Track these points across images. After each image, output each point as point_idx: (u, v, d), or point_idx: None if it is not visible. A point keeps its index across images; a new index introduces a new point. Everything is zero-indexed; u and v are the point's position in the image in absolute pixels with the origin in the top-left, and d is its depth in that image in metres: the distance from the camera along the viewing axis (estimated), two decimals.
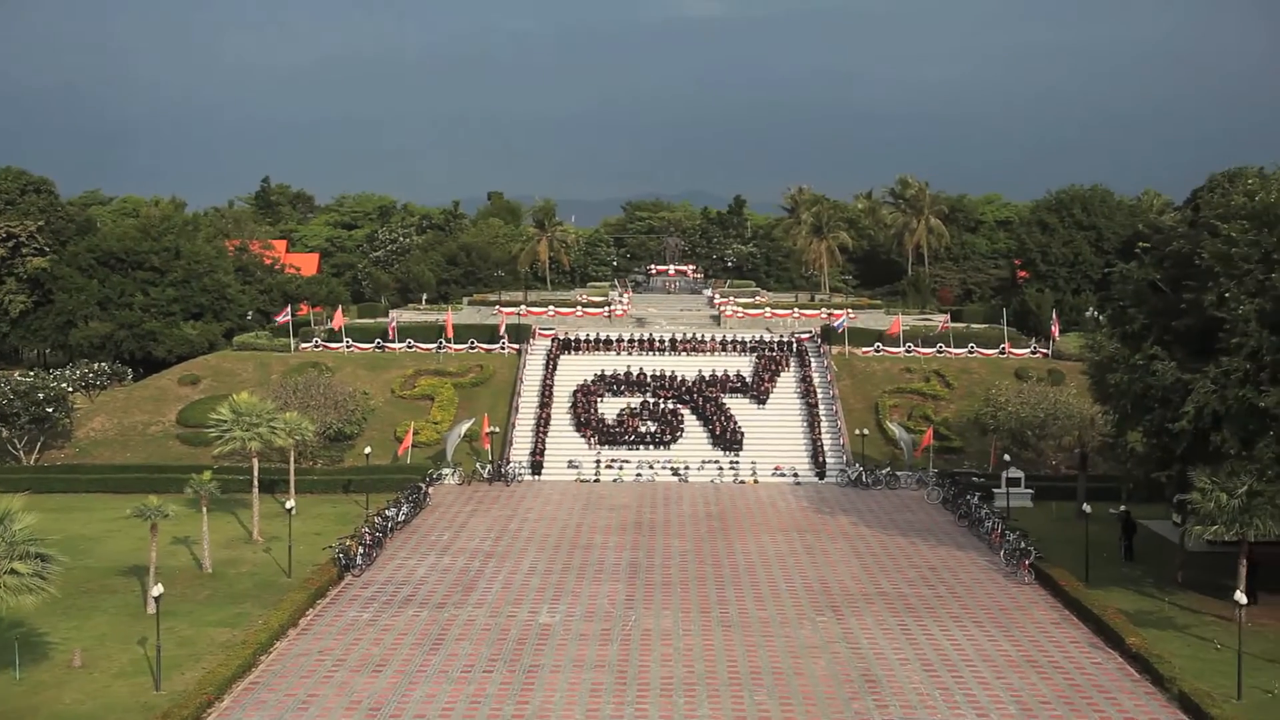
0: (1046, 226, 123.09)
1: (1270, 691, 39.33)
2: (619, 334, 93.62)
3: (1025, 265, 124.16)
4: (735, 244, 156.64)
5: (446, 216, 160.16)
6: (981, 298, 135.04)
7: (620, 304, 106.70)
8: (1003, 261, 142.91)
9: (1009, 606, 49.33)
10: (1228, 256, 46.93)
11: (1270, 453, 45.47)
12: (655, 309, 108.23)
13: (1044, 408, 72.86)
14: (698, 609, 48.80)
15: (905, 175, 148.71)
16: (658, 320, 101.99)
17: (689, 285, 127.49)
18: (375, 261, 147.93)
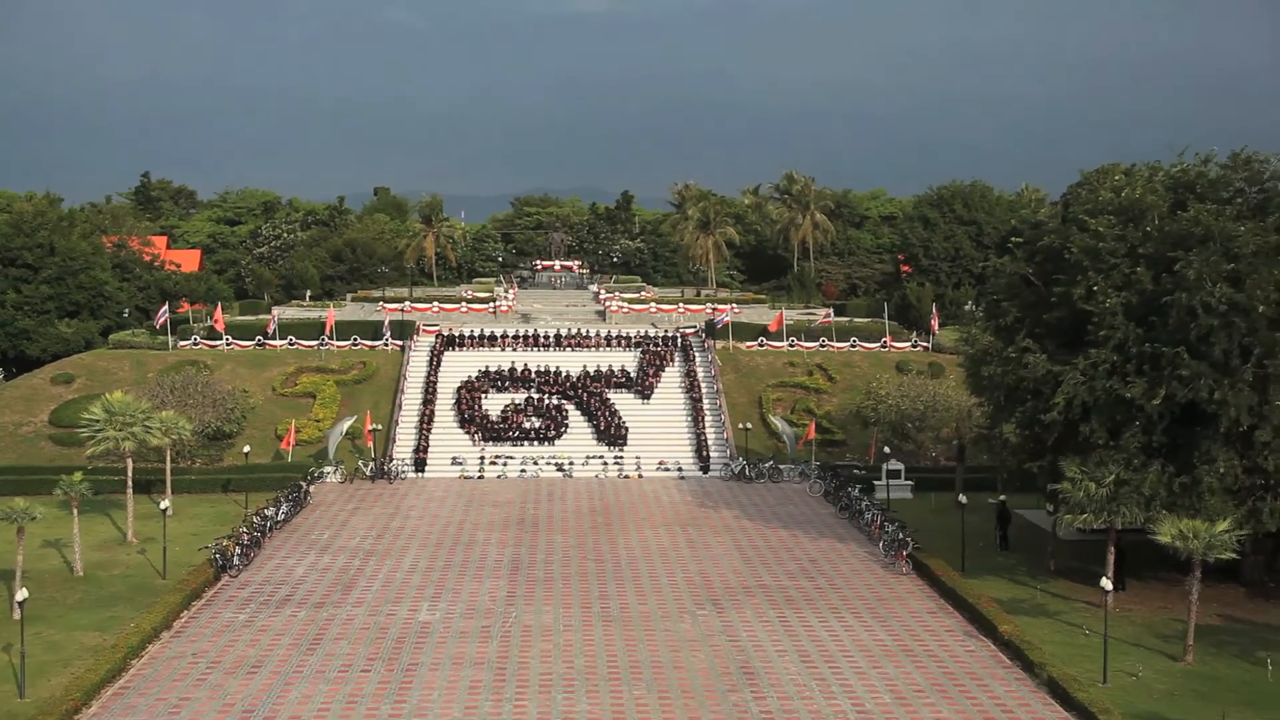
0: (928, 222, 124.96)
1: (1134, 674, 40.29)
2: (504, 330, 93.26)
3: (908, 260, 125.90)
4: (623, 239, 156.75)
5: (332, 212, 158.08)
6: (866, 292, 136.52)
7: (505, 300, 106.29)
8: (887, 256, 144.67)
9: (886, 597, 49.96)
10: (1095, 251, 47.95)
11: (1136, 442, 46.55)
12: (541, 305, 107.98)
13: (924, 400, 73.86)
14: (579, 604, 48.78)
15: (791, 171, 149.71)
16: (543, 316, 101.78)
17: (575, 281, 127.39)
18: (259, 258, 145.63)
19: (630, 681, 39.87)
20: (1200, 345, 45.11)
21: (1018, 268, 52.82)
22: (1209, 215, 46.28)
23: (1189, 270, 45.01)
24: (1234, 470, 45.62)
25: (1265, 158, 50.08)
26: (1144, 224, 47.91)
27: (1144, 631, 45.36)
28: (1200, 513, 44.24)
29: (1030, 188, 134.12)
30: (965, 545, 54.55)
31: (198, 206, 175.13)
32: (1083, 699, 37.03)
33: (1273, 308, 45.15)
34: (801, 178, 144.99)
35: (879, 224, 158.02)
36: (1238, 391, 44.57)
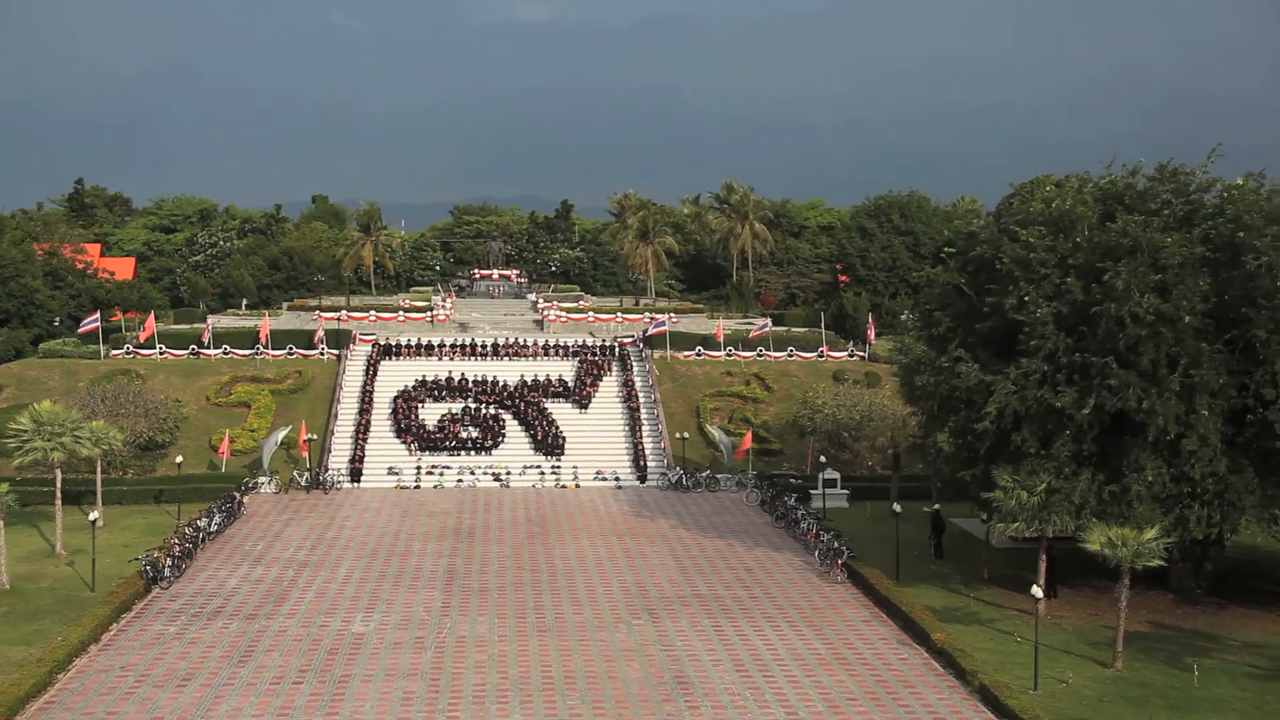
0: (866, 232, 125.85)
1: (1065, 681, 40.61)
2: (441, 339, 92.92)
3: (846, 270, 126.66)
4: (562, 249, 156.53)
5: (269, 220, 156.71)
6: (805, 302, 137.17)
7: (443, 309, 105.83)
8: (825, 266, 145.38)
9: (821, 605, 50.13)
10: (1026, 262, 48.41)
11: (1066, 451, 47.01)
12: (479, 314, 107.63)
13: (860, 409, 74.28)
14: (514, 614, 48.59)
15: (730, 180, 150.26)
16: (481, 325, 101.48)
17: (513, 290, 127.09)
18: (194, 266, 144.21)
19: (564, 692, 39.73)
20: (1129, 355, 45.65)
21: (950, 278, 53.23)
22: (1137, 226, 46.88)
23: (1117, 281, 45.55)
24: (1162, 478, 46.15)
25: (1191, 170, 50.76)
26: (1074, 235, 48.40)
27: (1075, 638, 45.74)
28: (1129, 520, 44.73)
29: (966, 198, 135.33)
30: (900, 554, 54.83)
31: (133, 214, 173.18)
32: (1014, 706, 37.27)
33: (1198, 318, 45.77)
34: (740, 188, 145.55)
35: (818, 234, 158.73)
36: (1165, 401, 45.12)
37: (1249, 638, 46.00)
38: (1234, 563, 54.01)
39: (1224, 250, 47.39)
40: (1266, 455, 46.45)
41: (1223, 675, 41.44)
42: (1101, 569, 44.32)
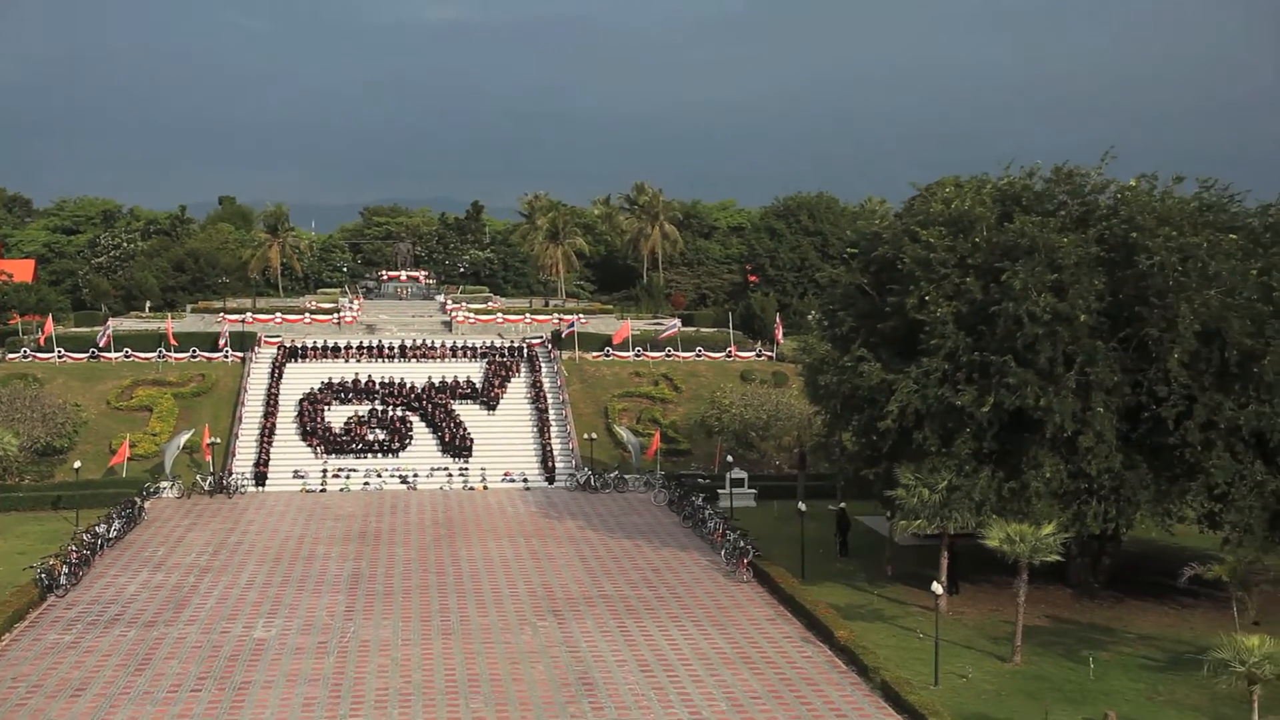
0: (775, 232, 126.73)
1: (964, 676, 41.10)
2: (348, 341, 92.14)
3: (755, 270, 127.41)
4: (472, 250, 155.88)
5: (173, 222, 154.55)
6: (716, 302, 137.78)
7: (350, 310, 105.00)
8: (735, 266, 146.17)
9: (727, 605, 50.31)
10: (927, 262, 48.93)
11: (967, 449, 47.57)
12: (386, 315, 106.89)
13: (767, 409, 74.76)
14: (418, 618, 48.26)
15: (641, 182, 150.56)
16: (388, 327, 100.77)
17: (421, 291, 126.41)
18: (97, 268, 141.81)
19: (468, 695, 39.51)
20: (1026, 353, 46.27)
21: (853, 278, 53.68)
22: (1034, 227, 47.56)
23: (1015, 280, 46.17)
24: (1059, 475, 46.89)
25: (1086, 171, 51.63)
26: (973, 235, 48.99)
27: (975, 634, 46.32)
28: (1029, 517, 45.36)
29: (873, 199, 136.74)
30: (805, 552, 55.14)
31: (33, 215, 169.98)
32: (914, 701, 37.63)
33: (1093, 317, 46.52)
34: (650, 189, 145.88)
35: (728, 235, 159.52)
36: (1062, 398, 45.81)
37: (1143, 630, 46.87)
38: (1130, 557, 54.99)
39: (1118, 250, 48.23)
40: (1159, 451, 47.25)
41: (1117, 667, 42.18)
42: (1003, 565, 44.88)
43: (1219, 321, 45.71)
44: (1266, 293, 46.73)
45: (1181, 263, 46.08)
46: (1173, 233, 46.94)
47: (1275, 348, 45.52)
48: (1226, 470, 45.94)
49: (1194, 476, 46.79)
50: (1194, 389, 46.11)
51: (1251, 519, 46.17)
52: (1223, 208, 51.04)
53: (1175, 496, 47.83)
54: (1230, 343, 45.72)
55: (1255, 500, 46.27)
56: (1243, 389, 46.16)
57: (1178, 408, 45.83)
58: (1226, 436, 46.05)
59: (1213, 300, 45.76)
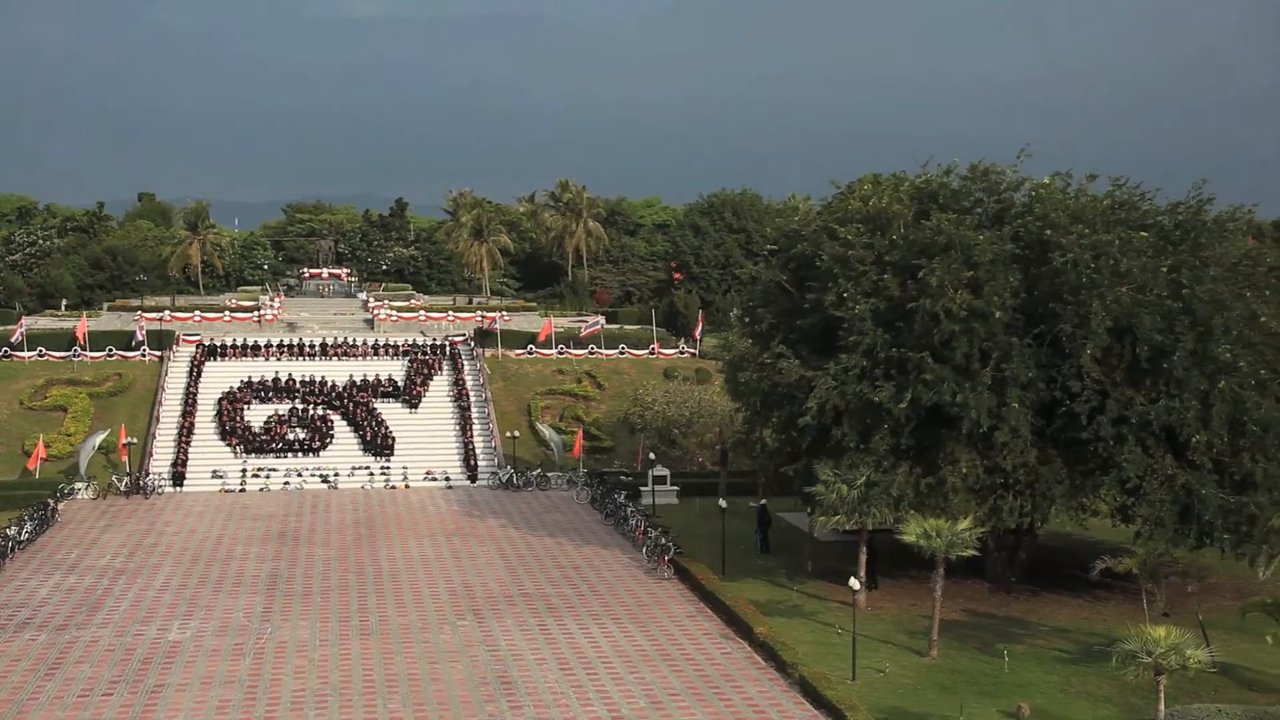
0: (699, 229, 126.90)
1: (882, 670, 41.39)
2: (268, 339, 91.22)
3: (680, 267, 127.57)
4: (397, 247, 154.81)
5: (91, 218, 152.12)
6: (641, 299, 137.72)
7: (271, 308, 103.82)
8: (660, 264, 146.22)
9: (648, 602, 50.33)
10: (845, 259, 49.21)
11: (885, 445, 47.88)
12: (308, 313, 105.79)
13: (689, 406, 74.90)
14: (337, 618, 47.87)
15: (565, 179, 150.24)
16: (310, 325, 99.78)
17: (343, 289, 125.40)
18: (12, 265, 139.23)
19: (385, 695, 39.23)
20: (943, 350, 46.63)
21: (773, 275, 53.90)
22: (950, 224, 47.97)
23: (931, 277, 46.55)
24: (976, 470, 47.32)
25: (1001, 170, 52.14)
26: (890, 233, 49.35)
27: (893, 629, 46.64)
28: (946, 512, 45.60)
29: (796, 196, 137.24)
30: (727, 549, 55.30)
31: None
32: (832, 697, 37.83)
33: (1008, 313, 46.99)
34: (574, 186, 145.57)
35: (653, 232, 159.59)
36: (978, 394, 46.21)
37: (1058, 623, 47.46)
38: (1045, 551, 55.62)
39: (1033, 248, 48.75)
40: (1073, 446, 47.83)
41: (1031, 660, 42.65)
42: (922, 560, 45.20)
43: (1130, 318, 46.37)
44: (1176, 290, 47.43)
45: (1094, 260, 46.68)
46: (1085, 230, 47.58)
47: (1184, 344, 46.21)
48: (1138, 464, 46.57)
49: (1107, 471, 47.44)
50: (1106, 384, 46.72)
51: (1162, 512, 46.78)
52: (1134, 206, 51.75)
53: (1089, 490, 48.49)
54: (1141, 339, 46.37)
55: (1166, 494, 46.90)
56: (1153, 384, 46.85)
57: (1091, 403, 46.42)
58: (1138, 431, 46.66)
59: (1124, 297, 46.44)
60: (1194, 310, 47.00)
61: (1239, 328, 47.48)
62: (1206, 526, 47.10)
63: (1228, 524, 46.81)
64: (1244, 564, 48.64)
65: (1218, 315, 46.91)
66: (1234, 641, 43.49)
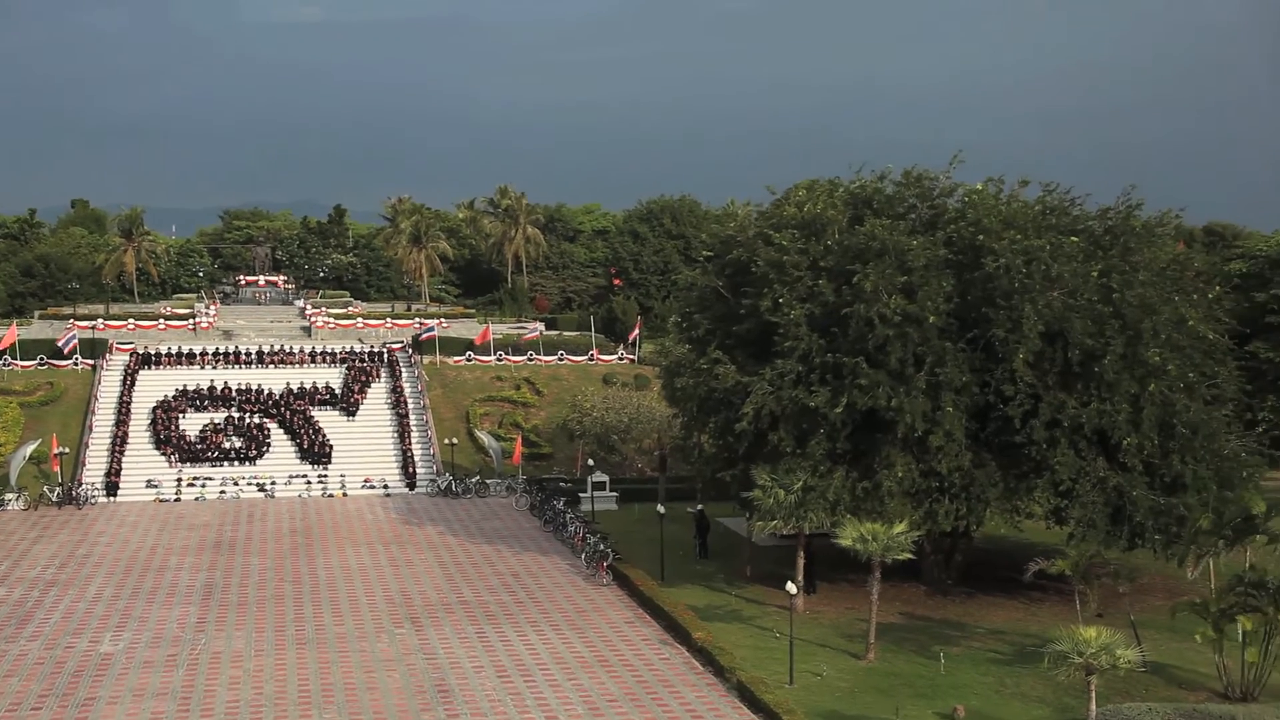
0: (638, 236, 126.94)
1: (819, 674, 41.51)
2: (204, 347, 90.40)
3: (619, 273, 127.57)
4: (335, 254, 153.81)
5: (22, 225, 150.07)
6: (581, 306, 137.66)
7: (206, 316, 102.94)
8: (600, 270, 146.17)
9: (586, 608, 50.26)
10: (780, 264, 49.40)
11: (821, 449, 48.06)
12: (244, 321, 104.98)
13: (628, 412, 74.97)
14: (273, 628, 47.46)
15: (504, 185, 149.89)
16: (246, 332, 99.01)
17: (280, 296, 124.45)
18: None
19: (321, 705, 38.93)
20: (878, 355, 46.92)
21: (709, 281, 54.05)
22: (884, 230, 48.30)
23: (866, 282, 46.84)
24: (911, 474, 47.61)
25: (935, 176, 52.59)
26: (825, 238, 49.63)
27: (831, 632, 46.82)
28: (882, 516, 45.91)
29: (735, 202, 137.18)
30: (665, 554, 55.33)
31: None
32: (769, 701, 37.92)
33: (942, 318, 47.36)
34: (513, 192, 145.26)
35: (593, 238, 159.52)
36: (913, 399, 46.51)
37: (993, 624, 47.84)
38: (981, 553, 56.07)
39: (966, 253, 49.18)
40: (1007, 449, 48.26)
41: (967, 662, 42.95)
42: (859, 563, 45.34)
43: (1061, 322, 46.87)
44: (1106, 294, 48.01)
45: (1025, 265, 47.14)
46: (1017, 236, 48.03)
47: (1115, 348, 46.78)
48: (1070, 467, 47.06)
49: (1040, 473, 47.84)
50: (1039, 388, 47.20)
51: (1094, 514, 47.31)
52: (1065, 211, 52.35)
53: (1023, 493, 48.78)
54: (1072, 343, 46.88)
55: (1098, 496, 47.46)
56: (1085, 388, 47.38)
57: (1024, 407, 46.87)
58: (1070, 434, 47.15)
59: (1055, 301, 46.92)
60: (1124, 314, 47.63)
61: (1168, 331, 48.18)
62: (1138, 528, 47.70)
63: (1158, 525, 47.44)
64: (1174, 564, 49.17)
65: (1147, 319, 47.57)
66: (1165, 641, 44.09)
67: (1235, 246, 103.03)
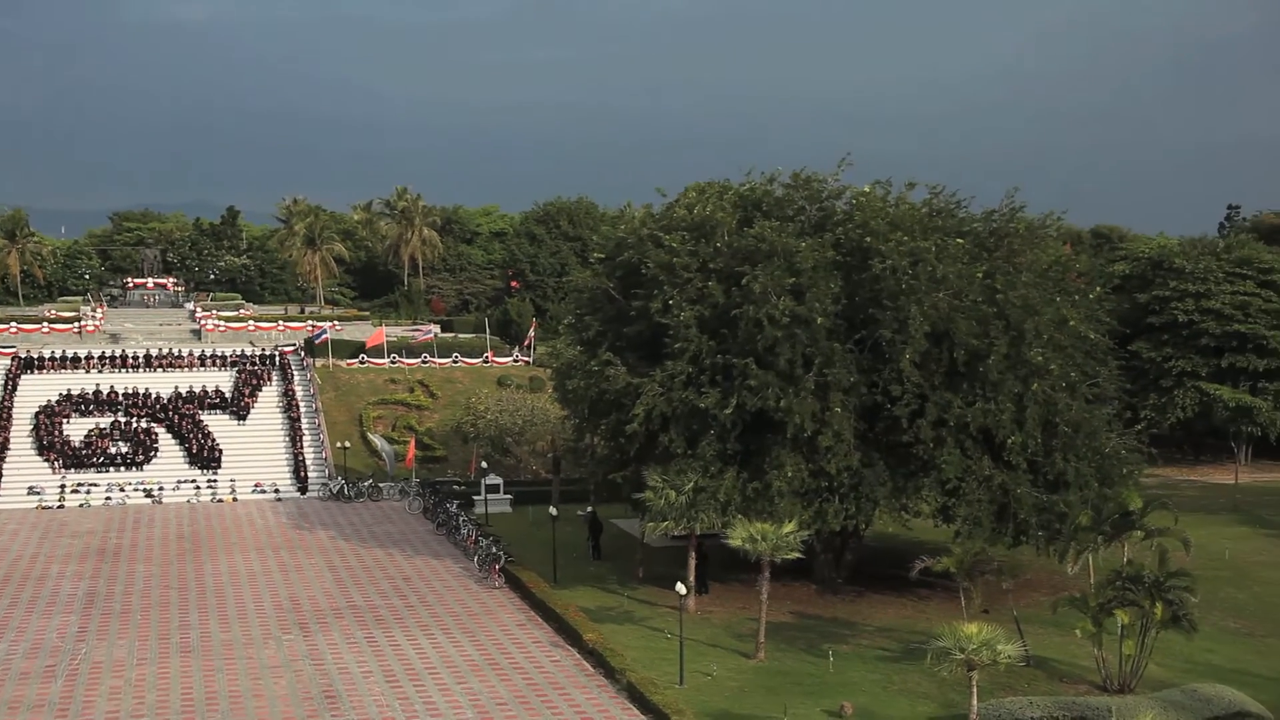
0: (535, 238, 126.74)
1: (709, 674, 41.62)
2: (89, 351, 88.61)
3: (516, 275, 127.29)
4: (228, 256, 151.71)
5: None
6: (478, 308, 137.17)
7: (93, 319, 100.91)
8: (498, 272, 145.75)
9: (478, 611, 49.98)
10: (670, 266, 49.51)
11: (712, 450, 48.21)
12: (132, 324, 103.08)
13: (522, 414, 74.78)
14: (156, 635, 46.59)
15: (401, 187, 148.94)
16: (134, 336, 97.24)
17: (170, 299, 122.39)
18: None
19: (205, 714, 38.26)
20: (767, 356, 47.16)
21: (600, 283, 54.04)
22: (773, 232, 48.58)
23: (755, 284, 47.08)
24: (801, 474, 47.89)
25: (823, 178, 52.97)
26: (714, 240, 49.81)
27: (722, 632, 46.98)
28: (772, 516, 46.11)
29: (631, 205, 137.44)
30: (559, 556, 55.24)
31: None
32: (659, 701, 37.94)
33: (830, 319, 47.73)
34: (410, 194, 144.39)
35: (490, 240, 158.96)
36: (801, 399, 46.82)
37: (882, 622, 48.34)
38: (872, 552, 56.70)
39: (853, 254, 49.58)
40: (895, 449, 48.84)
41: (856, 659, 43.35)
42: (752, 564, 45.59)
43: (947, 323, 47.49)
44: (990, 295, 48.74)
45: (912, 266, 47.69)
46: (904, 237, 48.53)
47: (999, 348, 47.51)
48: (956, 466, 47.71)
49: (927, 472, 48.41)
50: (925, 388, 47.77)
51: (980, 512, 48.00)
52: (950, 213, 53.06)
53: (911, 492, 49.29)
54: (958, 343, 47.53)
55: (983, 494, 48.15)
56: (970, 388, 48.04)
57: (911, 406, 47.42)
58: (956, 433, 47.83)
59: (941, 302, 47.52)
60: (1008, 315, 48.40)
61: (1050, 332, 49.06)
62: (1022, 525, 48.51)
63: (1041, 522, 48.27)
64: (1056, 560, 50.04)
65: (1029, 320, 48.40)
66: (1048, 635, 44.88)
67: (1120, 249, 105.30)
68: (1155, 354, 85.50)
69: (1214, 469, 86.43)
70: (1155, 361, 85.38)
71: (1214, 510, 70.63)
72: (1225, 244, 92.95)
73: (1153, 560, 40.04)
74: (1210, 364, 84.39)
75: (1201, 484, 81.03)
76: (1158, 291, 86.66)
